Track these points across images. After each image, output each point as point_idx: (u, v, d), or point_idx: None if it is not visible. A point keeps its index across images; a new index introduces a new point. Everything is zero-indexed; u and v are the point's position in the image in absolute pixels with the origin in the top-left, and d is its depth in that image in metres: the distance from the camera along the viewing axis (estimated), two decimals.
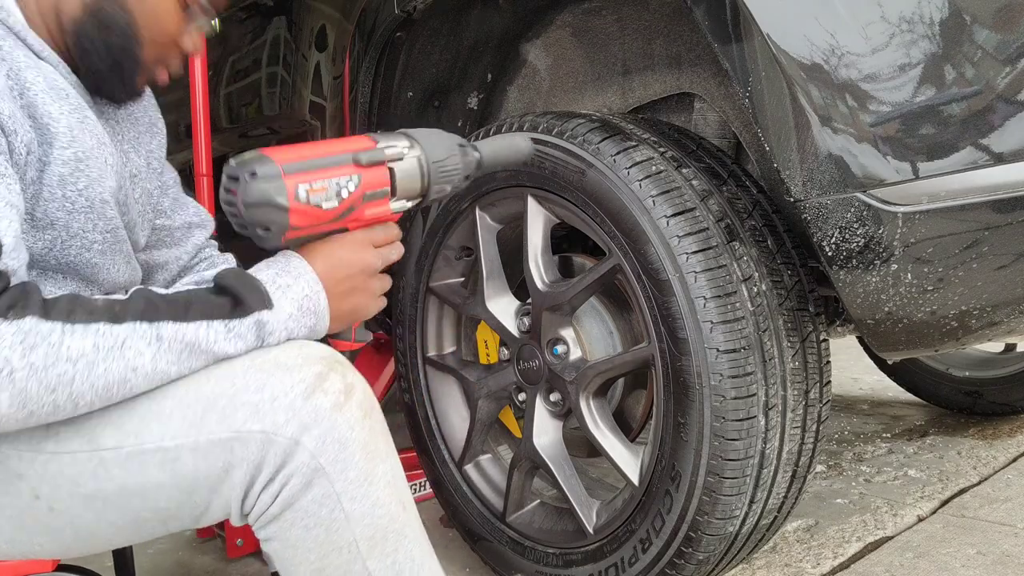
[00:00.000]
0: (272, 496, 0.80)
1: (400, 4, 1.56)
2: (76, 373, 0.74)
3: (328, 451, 0.79)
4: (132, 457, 0.80)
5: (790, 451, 1.18)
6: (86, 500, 0.81)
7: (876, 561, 1.51)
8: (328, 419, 0.79)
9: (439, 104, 1.75)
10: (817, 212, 1.02)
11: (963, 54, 0.94)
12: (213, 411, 0.79)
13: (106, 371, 0.75)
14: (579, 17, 1.54)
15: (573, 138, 1.23)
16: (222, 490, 0.80)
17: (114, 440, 0.80)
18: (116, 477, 0.80)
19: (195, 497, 0.81)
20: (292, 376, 0.80)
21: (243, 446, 0.78)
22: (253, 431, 0.78)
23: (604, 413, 1.33)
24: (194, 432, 0.79)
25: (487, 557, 1.51)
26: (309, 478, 0.79)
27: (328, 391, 0.80)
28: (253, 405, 0.79)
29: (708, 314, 1.10)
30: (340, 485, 0.80)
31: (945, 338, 1.05)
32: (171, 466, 0.80)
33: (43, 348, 0.72)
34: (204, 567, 1.71)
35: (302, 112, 1.89)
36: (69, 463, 0.81)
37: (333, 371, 0.82)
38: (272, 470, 0.79)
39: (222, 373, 0.81)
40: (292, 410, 0.79)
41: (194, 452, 0.79)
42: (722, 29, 1.06)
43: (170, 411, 0.80)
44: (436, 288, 1.54)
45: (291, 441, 0.78)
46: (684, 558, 1.18)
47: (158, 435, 0.79)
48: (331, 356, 0.84)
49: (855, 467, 2.07)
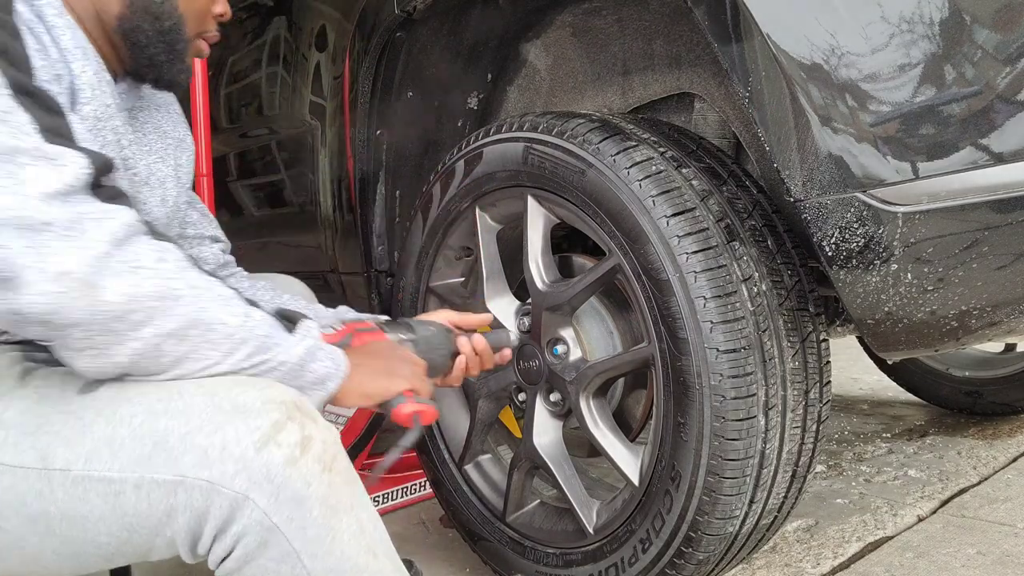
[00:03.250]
0: (226, 550, 0.78)
1: (400, 4, 1.56)
2: (186, 296, 0.78)
3: (283, 510, 0.76)
4: (77, 483, 0.78)
5: (790, 451, 1.18)
6: (30, 522, 0.80)
7: (876, 561, 1.50)
8: (281, 475, 0.76)
9: (439, 104, 1.75)
10: (817, 212, 1.02)
11: (963, 54, 0.94)
12: (162, 449, 0.77)
13: (204, 310, 0.79)
14: (579, 17, 1.54)
15: (573, 138, 1.23)
16: (164, 532, 0.78)
17: (64, 460, 0.79)
18: (59, 501, 0.79)
19: (135, 537, 0.79)
20: (248, 423, 0.77)
21: (187, 492, 0.76)
22: (199, 478, 0.76)
23: (604, 413, 1.33)
24: (140, 468, 0.77)
25: (487, 557, 1.51)
26: (264, 537, 0.76)
27: (282, 443, 0.77)
28: (202, 450, 0.76)
29: (708, 314, 1.10)
30: (299, 543, 0.77)
31: (945, 338, 1.05)
32: (113, 500, 0.78)
33: (172, 264, 0.79)
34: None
35: (302, 112, 1.89)
36: (21, 478, 0.79)
37: (292, 420, 0.79)
38: (219, 522, 0.77)
39: (179, 407, 0.79)
40: (243, 462, 0.76)
41: (137, 489, 0.77)
42: (722, 29, 1.06)
43: (122, 440, 0.78)
44: (436, 288, 1.54)
45: (239, 495, 0.76)
46: (684, 558, 1.18)
47: (107, 463, 0.78)
48: (292, 402, 0.81)
49: (855, 467, 2.07)
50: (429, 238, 1.52)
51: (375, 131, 1.74)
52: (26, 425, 0.81)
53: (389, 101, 1.71)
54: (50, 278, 0.71)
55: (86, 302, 0.73)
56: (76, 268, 0.72)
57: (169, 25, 0.98)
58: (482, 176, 1.40)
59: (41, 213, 0.72)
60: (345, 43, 1.71)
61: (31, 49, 0.83)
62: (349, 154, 1.76)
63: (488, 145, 1.38)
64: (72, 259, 0.72)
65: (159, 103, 1.13)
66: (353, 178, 1.77)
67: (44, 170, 0.74)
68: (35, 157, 0.75)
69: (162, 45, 0.98)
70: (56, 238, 0.72)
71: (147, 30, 0.97)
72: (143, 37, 0.97)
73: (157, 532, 0.78)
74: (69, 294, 0.72)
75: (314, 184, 1.88)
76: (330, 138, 1.81)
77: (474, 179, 1.41)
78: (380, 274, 1.82)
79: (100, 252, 0.74)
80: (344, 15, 1.71)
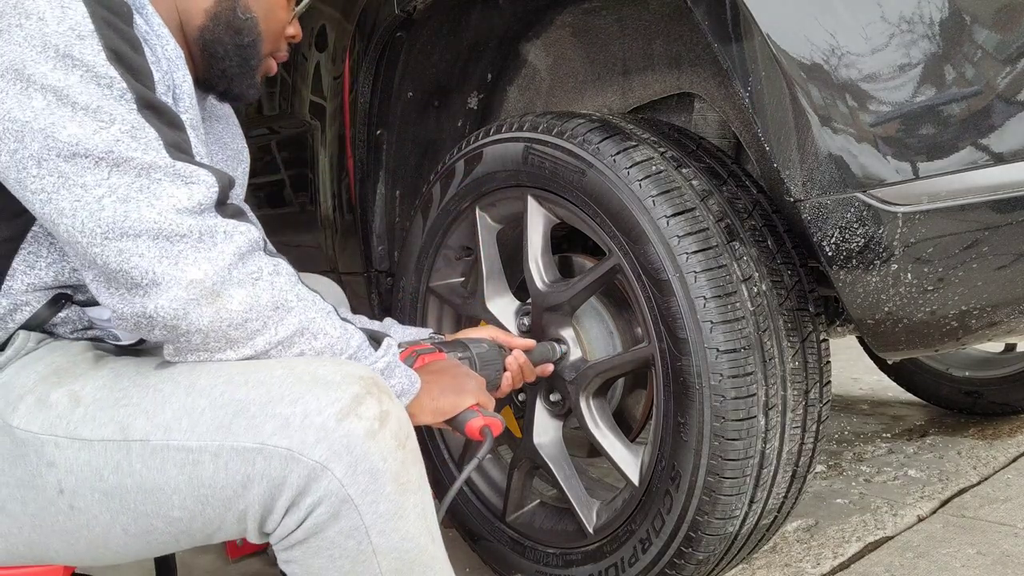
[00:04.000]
0: (297, 521, 0.78)
1: (400, 4, 1.56)
2: (296, 307, 0.84)
3: (358, 481, 0.77)
4: (156, 453, 0.79)
5: (790, 451, 1.18)
6: (105, 497, 0.81)
7: (876, 561, 1.51)
8: (360, 447, 0.77)
9: (439, 104, 1.75)
10: (817, 212, 1.02)
11: (963, 54, 0.94)
12: (243, 417, 0.78)
13: (312, 321, 0.85)
14: (579, 17, 1.54)
15: (573, 138, 1.23)
16: (237, 505, 0.79)
17: (143, 431, 0.80)
18: (137, 473, 0.79)
19: (208, 511, 0.80)
20: (329, 394, 0.78)
21: (265, 461, 0.77)
22: (279, 446, 0.77)
23: (604, 413, 1.33)
24: (219, 436, 0.78)
25: (487, 557, 1.51)
26: (337, 508, 0.77)
27: (363, 416, 0.78)
28: (283, 419, 0.77)
29: (708, 314, 1.10)
30: (369, 518, 0.78)
31: (945, 338, 1.05)
32: (191, 470, 0.78)
33: (285, 277, 0.84)
34: (204, 567, 1.71)
35: (302, 112, 1.89)
36: (99, 452, 0.80)
37: (370, 394, 0.80)
38: (294, 492, 0.77)
39: (259, 378, 0.80)
40: (323, 431, 0.77)
41: (215, 458, 0.78)
42: (722, 29, 1.06)
43: (202, 409, 0.79)
44: (436, 288, 1.54)
45: (318, 465, 0.76)
46: (684, 558, 1.18)
47: (186, 433, 0.79)
48: (371, 378, 0.83)
49: (855, 467, 2.07)
50: (429, 238, 1.52)
51: (375, 131, 1.74)
52: (104, 401, 0.82)
53: (389, 101, 1.71)
54: (182, 285, 0.77)
55: (212, 309, 0.78)
56: (205, 277, 0.77)
57: (248, 41, 1.01)
58: (482, 176, 1.40)
59: (175, 225, 0.77)
60: (345, 43, 1.71)
61: (150, 61, 0.86)
62: (349, 154, 1.76)
63: (488, 145, 1.38)
64: (202, 269, 0.77)
65: (219, 114, 1.15)
66: (353, 178, 1.77)
67: (178, 187, 0.79)
68: (168, 173, 0.79)
69: (237, 59, 1.01)
70: (190, 248, 0.77)
71: (227, 43, 1.00)
72: (221, 49, 1.00)
73: (230, 505, 0.79)
74: (198, 301, 0.77)
75: (314, 184, 1.88)
76: (330, 138, 1.81)
77: (474, 179, 1.41)
78: (380, 274, 1.82)
79: (227, 263, 0.79)
80: (344, 15, 1.71)
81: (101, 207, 0.76)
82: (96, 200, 0.76)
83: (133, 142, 0.78)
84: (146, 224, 0.76)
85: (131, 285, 0.77)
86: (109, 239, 0.76)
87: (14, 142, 0.77)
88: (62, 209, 0.76)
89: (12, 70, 0.76)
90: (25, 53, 0.76)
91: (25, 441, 0.82)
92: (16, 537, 0.84)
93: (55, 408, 0.82)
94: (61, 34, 0.77)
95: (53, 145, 0.76)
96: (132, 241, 0.76)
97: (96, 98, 0.77)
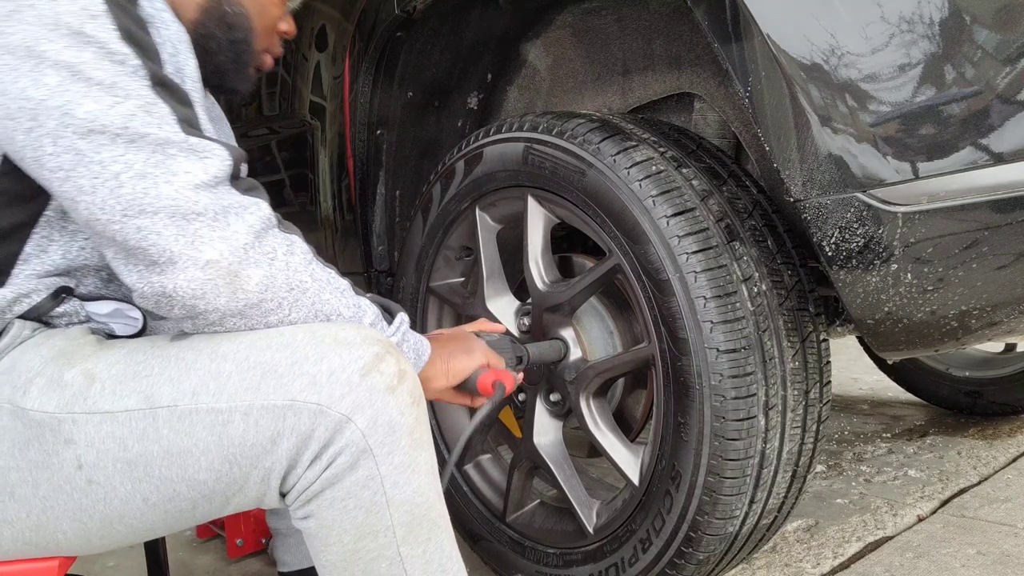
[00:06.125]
0: (317, 473, 0.81)
1: (400, 4, 1.56)
2: (311, 288, 0.86)
3: (378, 432, 0.81)
4: (184, 417, 0.81)
5: (790, 451, 1.18)
6: (127, 467, 0.81)
7: (876, 561, 1.51)
8: (381, 400, 0.81)
9: (439, 104, 1.76)
10: (817, 212, 1.02)
11: (963, 54, 0.94)
12: (271, 377, 0.81)
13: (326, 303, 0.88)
14: (579, 17, 1.55)
15: (573, 138, 1.23)
16: (263, 463, 0.81)
17: (170, 398, 0.81)
18: (164, 438, 0.81)
19: (234, 470, 0.81)
20: (351, 352, 0.82)
21: (295, 416, 0.80)
22: (308, 402, 0.80)
23: (604, 413, 1.33)
24: (249, 396, 0.80)
25: (487, 557, 1.51)
26: (356, 458, 0.80)
27: (384, 372, 0.82)
28: (311, 376, 0.80)
29: (708, 314, 1.10)
30: (385, 468, 0.82)
31: (945, 338, 1.05)
32: (220, 429, 0.80)
33: (300, 257, 0.86)
34: (204, 567, 1.71)
35: (302, 112, 1.89)
36: (123, 423, 0.81)
37: (389, 354, 0.84)
38: (319, 445, 0.80)
39: (283, 342, 0.83)
40: (349, 385, 0.80)
41: (246, 417, 0.80)
42: (722, 29, 1.06)
43: (228, 373, 0.81)
44: (436, 288, 1.54)
45: (343, 417, 0.80)
46: (684, 558, 1.18)
47: (214, 396, 0.81)
48: (387, 340, 0.87)
49: (855, 467, 2.07)
50: (429, 238, 1.52)
51: (375, 131, 1.74)
52: (121, 374, 0.83)
53: (389, 102, 1.71)
54: (199, 266, 0.78)
55: (229, 290, 0.80)
56: (221, 258, 0.79)
57: (240, 36, 1.03)
58: (482, 176, 1.40)
59: (192, 203, 0.78)
60: (345, 43, 1.71)
61: (157, 41, 0.87)
62: (349, 154, 1.76)
63: (488, 145, 1.38)
64: (218, 249, 0.79)
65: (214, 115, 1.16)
66: (353, 178, 1.77)
67: (193, 162, 0.80)
68: (183, 149, 0.80)
69: (231, 54, 1.03)
70: (205, 227, 0.79)
71: (219, 38, 1.01)
72: (214, 44, 1.01)
73: (256, 463, 0.81)
74: (215, 281, 0.79)
75: (314, 184, 1.88)
76: (330, 138, 1.81)
77: (474, 179, 1.41)
78: (380, 274, 1.82)
79: (243, 243, 0.80)
80: (344, 15, 1.71)
81: (119, 183, 0.77)
82: (114, 176, 0.77)
83: (148, 117, 0.79)
84: (164, 201, 0.77)
85: (149, 262, 0.78)
86: (128, 216, 0.77)
87: (29, 120, 0.77)
88: (81, 187, 0.77)
89: (24, 48, 0.77)
90: (38, 32, 0.77)
91: (40, 422, 0.82)
92: (23, 523, 0.84)
93: (71, 387, 0.83)
94: (74, 13, 0.78)
95: (69, 122, 0.76)
96: (150, 219, 0.77)
97: (111, 74, 0.78)
